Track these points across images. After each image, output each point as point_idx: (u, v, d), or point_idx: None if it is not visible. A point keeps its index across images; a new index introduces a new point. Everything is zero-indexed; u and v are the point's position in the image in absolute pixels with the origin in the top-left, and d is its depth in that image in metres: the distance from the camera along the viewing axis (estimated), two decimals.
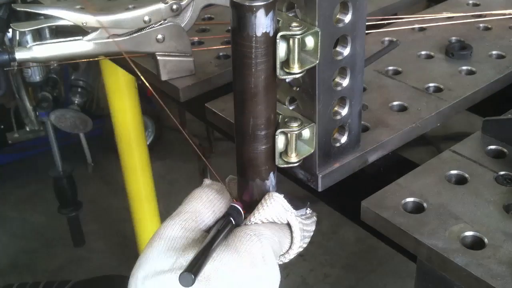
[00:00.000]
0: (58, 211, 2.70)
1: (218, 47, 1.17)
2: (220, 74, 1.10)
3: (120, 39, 1.01)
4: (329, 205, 0.95)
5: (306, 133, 0.75)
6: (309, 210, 0.74)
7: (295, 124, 0.72)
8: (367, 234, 0.87)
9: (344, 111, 0.80)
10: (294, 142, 0.72)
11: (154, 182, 2.30)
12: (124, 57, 1.01)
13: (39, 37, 2.00)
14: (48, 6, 1.16)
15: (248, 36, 0.62)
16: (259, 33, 0.62)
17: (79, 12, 1.00)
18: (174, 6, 1.02)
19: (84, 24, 0.99)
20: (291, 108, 0.80)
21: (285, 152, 0.72)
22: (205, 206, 0.67)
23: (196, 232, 0.64)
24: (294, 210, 0.69)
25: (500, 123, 0.89)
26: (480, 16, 1.24)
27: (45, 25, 1.05)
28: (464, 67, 1.06)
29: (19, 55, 1.00)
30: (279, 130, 0.70)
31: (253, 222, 0.67)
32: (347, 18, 0.73)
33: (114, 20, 1.00)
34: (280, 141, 0.71)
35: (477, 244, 0.72)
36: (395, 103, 0.97)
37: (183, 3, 1.02)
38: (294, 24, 0.65)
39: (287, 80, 0.78)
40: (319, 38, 0.68)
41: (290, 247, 0.70)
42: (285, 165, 0.73)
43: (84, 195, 2.97)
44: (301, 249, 0.72)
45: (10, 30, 1.92)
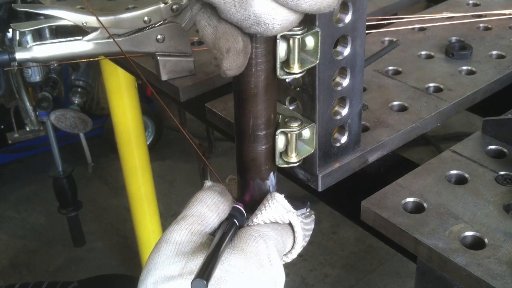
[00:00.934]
0: (58, 211, 2.70)
1: None
2: (220, 74, 1.10)
3: (120, 39, 1.01)
4: (329, 205, 0.95)
5: (306, 133, 0.75)
6: (308, 209, 0.74)
7: (295, 124, 0.72)
8: (367, 234, 0.87)
9: (344, 111, 0.80)
10: (294, 142, 0.72)
11: (154, 182, 2.30)
12: (124, 57, 1.01)
13: (39, 37, 2.00)
14: (48, 6, 1.16)
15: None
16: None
17: (79, 12, 1.00)
18: (174, 6, 1.02)
19: (84, 24, 0.99)
20: (291, 108, 0.80)
21: (285, 152, 0.72)
22: (210, 209, 0.66)
23: (203, 236, 0.64)
24: (295, 210, 0.69)
25: (500, 123, 0.89)
26: (480, 16, 1.25)
27: (45, 25, 1.05)
28: (464, 67, 1.06)
29: (19, 55, 1.00)
30: (279, 130, 0.70)
31: (256, 223, 0.67)
32: (347, 18, 0.73)
33: (114, 20, 1.00)
34: (280, 141, 0.71)
35: (477, 244, 0.72)
36: (395, 103, 0.97)
37: (183, 3, 1.02)
38: None
39: (287, 80, 0.78)
40: (319, 38, 0.68)
41: (293, 247, 0.70)
42: (285, 165, 0.73)
43: (84, 195, 2.97)
44: (302, 248, 0.72)
45: (10, 30, 1.92)
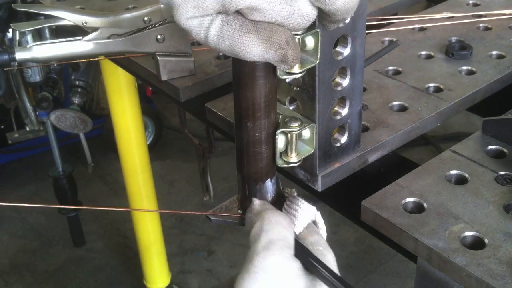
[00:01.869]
0: (58, 211, 2.70)
1: None
2: (220, 74, 1.10)
3: (120, 39, 1.01)
4: (329, 205, 0.95)
5: (306, 133, 0.75)
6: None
7: (295, 124, 0.72)
8: (367, 234, 0.87)
9: (344, 111, 0.80)
10: (294, 142, 0.72)
11: (154, 182, 2.30)
12: (124, 57, 1.01)
13: (39, 37, 2.00)
14: (48, 6, 1.16)
15: None
16: None
17: (79, 12, 1.00)
18: None
19: (84, 24, 0.99)
20: (291, 108, 0.80)
21: (285, 152, 0.72)
22: (288, 231, 0.64)
23: (294, 260, 0.61)
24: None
25: (500, 123, 0.89)
26: (480, 16, 1.25)
27: (45, 25, 1.05)
28: (464, 67, 1.06)
29: (19, 55, 1.00)
30: (279, 130, 0.70)
31: (299, 233, 0.66)
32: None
33: (114, 20, 1.00)
34: (280, 141, 0.71)
35: (477, 244, 0.72)
36: (395, 103, 0.97)
37: None
38: None
39: (287, 80, 0.78)
40: (319, 38, 0.67)
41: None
42: (285, 165, 0.73)
43: (84, 195, 2.97)
44: None
45: (10, 30, 1.92)
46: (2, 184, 3.44)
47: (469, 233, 0.73)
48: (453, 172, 0.84)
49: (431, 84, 1.02)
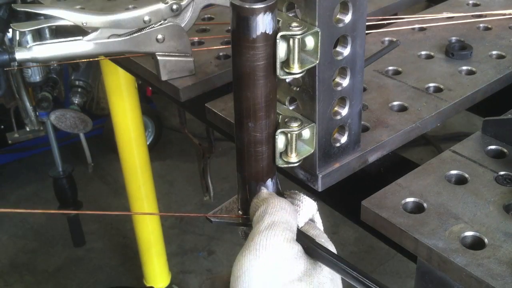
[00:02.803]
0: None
1: (218, 47, 1.18)
2: (220, 74, 1.10)
3: (120, 39, 1.01)
4: (329, 205, 0.95)
5: (306, 133, 0.75)
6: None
7: (295, 124, 0.72)
8: (367, 234, 0.87)
9: (344, 111, 0.80)
10: (294, 142, 0.72)
11: (154, 182, 2.30)
12: (124, 57, 1.02)
13: (39, 37, 2.00)
14: (48, 6, 1.16)
15: (249, 38, 0.62)
16: (260, 35, 0.62)
17: (79, 12, 1.00)
18: (174, 6, 1.02)
19: (84, 24, 0.99)
20: (291, 108, 0.80)
21: (285, 152, 0.72)
22: (292, 217, 0.65)
23: (296, 243, 0.63)
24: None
25: (500, 123, 0.89)
26: (480, 16, 1.24)
27: (45, 25, 1.05)
28: (464, 67, 1.06)
29: (19, 55, 1.00)
30: (279, 130, 0.70)
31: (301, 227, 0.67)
32: (347, 18, 0.73)
33: (114, 20, 1.00)
34: (280, 141, 0.71)
35: (477, 244, 0.72)
36: (395, 103, 0.97)
37: (183, 3, 1.02)
38: (294, 24, 0.65)
39: (287, 80, 0.78)
40: (319, 38, 0.68)
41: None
42: (285, 165, 0.73)
43: (84, 195, 2.97)
44: None
45: (10, 30, 1.92)
46: (2, 184, 3.44)
47: (469, 233, 0.73)
48: (453, 172, 0.84)
49: (431, 84, 1.02)
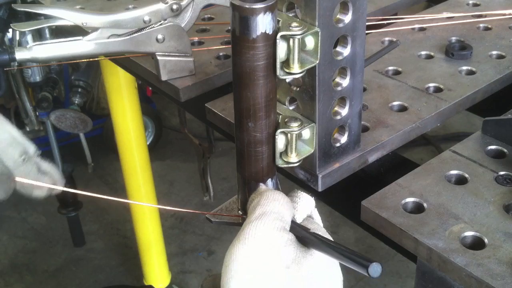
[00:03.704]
0: (58, 211, 2.70)
1: (218, 47, 1.18)
2: (220, 74, 1.10)
3: (120, 39, 1.01)
4: (329, 205, 0.95)
5: (306, 133, 0.75)
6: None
7: (295, 124, 0.72)
8: (367, 234, 0.87)
9: (344, 111, 0.80)
10: (294, 142, 0.72)
11: (154, 182, 2.30)
12: (124, 57, 1.02)
13: (39, 37, 2.00)
14: (48, 6, 1.16)
15: (249, 38, 0.62)
16: (260, 35, 0.62)
17: (79, 12, 1.00)
18: (174, 6, 1.02)
19: (84, 24, 0.99)
20: (291, 108, 0.80)
21: (285, 152, 0.72)
22: (284, 207, 0.65)
23: (286, 232, 0.63)
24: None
25: (500, 123, 0.89)
26: (480, 16, 1.24)
27: (45, 25, 1.05)
28: (464, 67, 1.06)
29: (19, 55, 1.00)
30: (279, 130, 0.70)
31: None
32: (347, 18, 0.73)
33: (114, 20, 1.00)
34: (280, 141, 0.71)
35: (477, 244, 0.72)
36: (395, 103, 0.97)
37: (183, 3, 1.02)
38: (294, 24, 0.65)
39: (287, 80, 0.78)
40: (319, 38, 0.68)
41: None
42: (285, 165, 0.73)
43: (84, 195, 2.97)
44: None
45: (10, 30, 1.92)
46: None
47: (469, 233, 0.73)
48: (453, 172, 0.84)
49: (431, 84, 1.02)
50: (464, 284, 0.69)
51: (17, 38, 1.95)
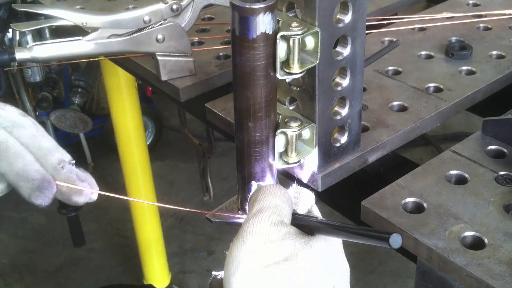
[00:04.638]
0: (58, 211, 2.69)
1: (218, 47, 1.18)
2: (220, 74, 1.10)
3: (120, 39, 1.01)
4: (329, 205, 0.95)
5: (306, 133, 0.75)
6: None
7: (295, 124, 0.72)
8: None
9: (344, 111, 0.80)
10: (294, 142, 0.72)
11: (154, 182, 2.30)
12: (124, 57, 1.02)
13: (39, 37, 2.00)
14: (48, 6, 1.16)
15: (249, 38, 0.62)
16: (260, 35, 0.62)
17: (79, 12, 1.00)
18: (174, 6, 1.02)
19: (84, 24, 1.00)
20: (291, 108, 0.80)
21: (285, 152, 0.72)
22: (282, 200, 0.66)
23: (285, 226, 0.64)
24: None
25: (500, 123, 0.89)
26: (480, 16, 1.24)
27: (45, 25, 1.05)
28: (464, 67, 1.06)
29: (19, 55, 1.00)
30: (279, 130, 0.70)
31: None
32: (347, 18, 0.73)
33: (114, 20, 1.00)
34: (280, 141, 0.71)
35: (477, 244, 0.72)
36: (395, 103, 0.97)
37: (183, 3, 1.02)
38: (294, 24, 0.65)
39: (287, 80, 0.78)
40: (319, 38, 0.68)
41: None
42: (285, 165, 0.73)
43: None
44: None
45: (10, 30, 1.92)
46: None
47: (469, 233, 0.73)
48: (453, 172, 0.84)
49: (431, 84, 1.02)
50: (464, 284, 0.69)
51: (17, 38, 1.95)
